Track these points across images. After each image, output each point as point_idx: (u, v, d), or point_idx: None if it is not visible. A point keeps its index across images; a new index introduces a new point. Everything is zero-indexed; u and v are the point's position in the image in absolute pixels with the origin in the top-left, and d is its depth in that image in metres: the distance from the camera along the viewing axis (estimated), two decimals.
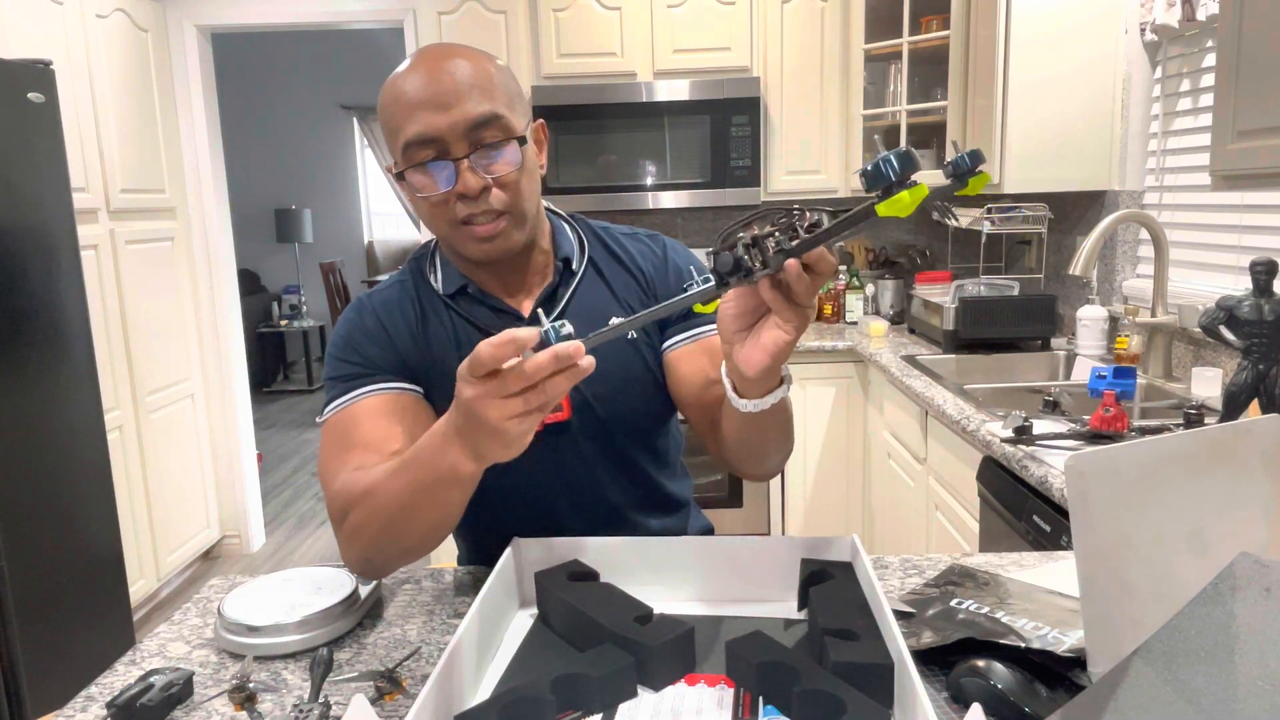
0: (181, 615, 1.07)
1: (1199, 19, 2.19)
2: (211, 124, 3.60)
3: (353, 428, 1.04)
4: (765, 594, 0.96)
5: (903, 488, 2.61)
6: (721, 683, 0.80)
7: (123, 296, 3.04)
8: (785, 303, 0.81)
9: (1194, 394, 2.00)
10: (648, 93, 3.12)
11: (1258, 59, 1.44)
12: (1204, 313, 1.61)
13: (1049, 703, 0.75)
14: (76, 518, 2.46)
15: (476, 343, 0.72)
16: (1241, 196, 2.14)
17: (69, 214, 2.48)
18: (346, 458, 1.01)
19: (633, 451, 1.18)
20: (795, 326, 0.82)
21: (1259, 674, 0.57)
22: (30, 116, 2.33)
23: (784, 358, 0.85)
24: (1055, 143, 2.57)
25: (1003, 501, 1.79)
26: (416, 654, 0.96)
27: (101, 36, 2.99)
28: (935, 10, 2.91)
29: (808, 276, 0.79)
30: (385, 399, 1.07)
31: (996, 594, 0.95)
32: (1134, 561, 0.70)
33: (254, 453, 3.90)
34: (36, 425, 2.31)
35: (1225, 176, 1.55)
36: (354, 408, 1.06)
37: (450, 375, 0.91)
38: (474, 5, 3.16)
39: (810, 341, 3.06)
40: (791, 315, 0.82)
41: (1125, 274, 2.62)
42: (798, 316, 0.82)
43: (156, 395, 3.25)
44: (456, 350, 1.12)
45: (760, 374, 0.85)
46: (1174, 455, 0.71)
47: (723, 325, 0.87)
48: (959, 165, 0.73)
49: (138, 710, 0.82)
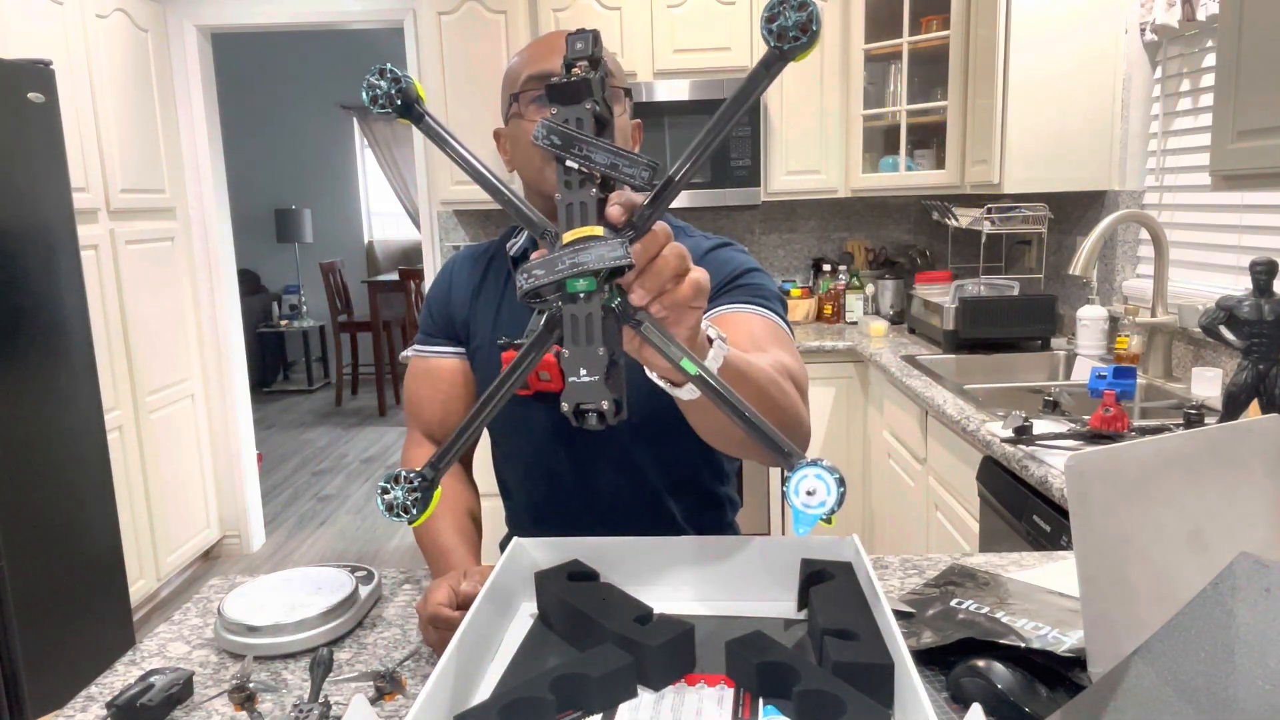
0: (181, 615, 1.07)
1: (1199, 19, 2.19)
2: (211, 124, 3.60)
3: (409, 383, 1.29)
4: (765, 594, 0.96)
5: (903, 488, 2.61)
6: (721, 683, 0.80)
7: (123, 296, 3.04)
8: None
9: (1194, 394, 2.00)
10: (648, 93, 3.12)
11: (1258, 59, 1.44)
12: (1204, 313, 1.61)
13: (1049, 703, 0.75)
14: (76, 518, 2.46)
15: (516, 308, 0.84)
16: (1241, 196, 2.14)
17: (69, 214, 2.48)
18: (412, 412, 1.28)
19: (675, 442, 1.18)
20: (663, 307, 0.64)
21: (1259, 674, 0.57)
22: (30, 116, 2.33)
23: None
24: (1055, 142, 2.57)
25: (1003, 501, 1.79)
26: (416, 654, 0.96)
27: (101, 36, 2.99)
28: (935, 10, 2.91)
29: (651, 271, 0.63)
30: (428, 364, 1.26)
31: (996, 594, 0.95)
32: (1134, 561, 0.70)
33: (254, 453, 3.90)
34: (36, 425, 2.31)
35: (1225, 176, 1.55)
36: (412, 364, 1.29)
37: (482, 336, 1.22)
38: (474, 5, 3.16)
39: (810, 341, 3.06)
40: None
41: (1125, 274, 2.62)
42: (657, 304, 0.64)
43: (156, 395, 3.25)
44: (495, 313, 1.21)
45: (662, 370, 0.71)
46: (1174, 455, 0.71)
47: None
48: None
49: (138, 710, 0.82)
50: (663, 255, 0.61)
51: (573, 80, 0.61)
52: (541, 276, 0.60)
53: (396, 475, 0.65)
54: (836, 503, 0.55)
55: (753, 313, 1.09)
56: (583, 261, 0.58)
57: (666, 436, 1.18)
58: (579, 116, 0.61)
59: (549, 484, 1.24)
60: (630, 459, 1.19)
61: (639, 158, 0.60)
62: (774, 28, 0.55)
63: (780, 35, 0.55)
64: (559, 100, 0.61)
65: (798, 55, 0.55)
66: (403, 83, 0.63)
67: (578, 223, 0.61)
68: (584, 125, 0.61)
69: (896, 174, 3.15)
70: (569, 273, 0.59)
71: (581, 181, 0.61)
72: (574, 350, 0.61)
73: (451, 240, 3.66)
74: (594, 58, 0.62)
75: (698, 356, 0.73)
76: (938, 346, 2.83)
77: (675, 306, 0.62)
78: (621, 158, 0.60)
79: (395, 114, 0.63)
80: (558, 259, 0.59)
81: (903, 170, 3.12)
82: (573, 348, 0.61)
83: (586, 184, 0.61)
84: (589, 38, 0.63)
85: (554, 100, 0.61)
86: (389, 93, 0.63)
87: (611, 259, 0.58)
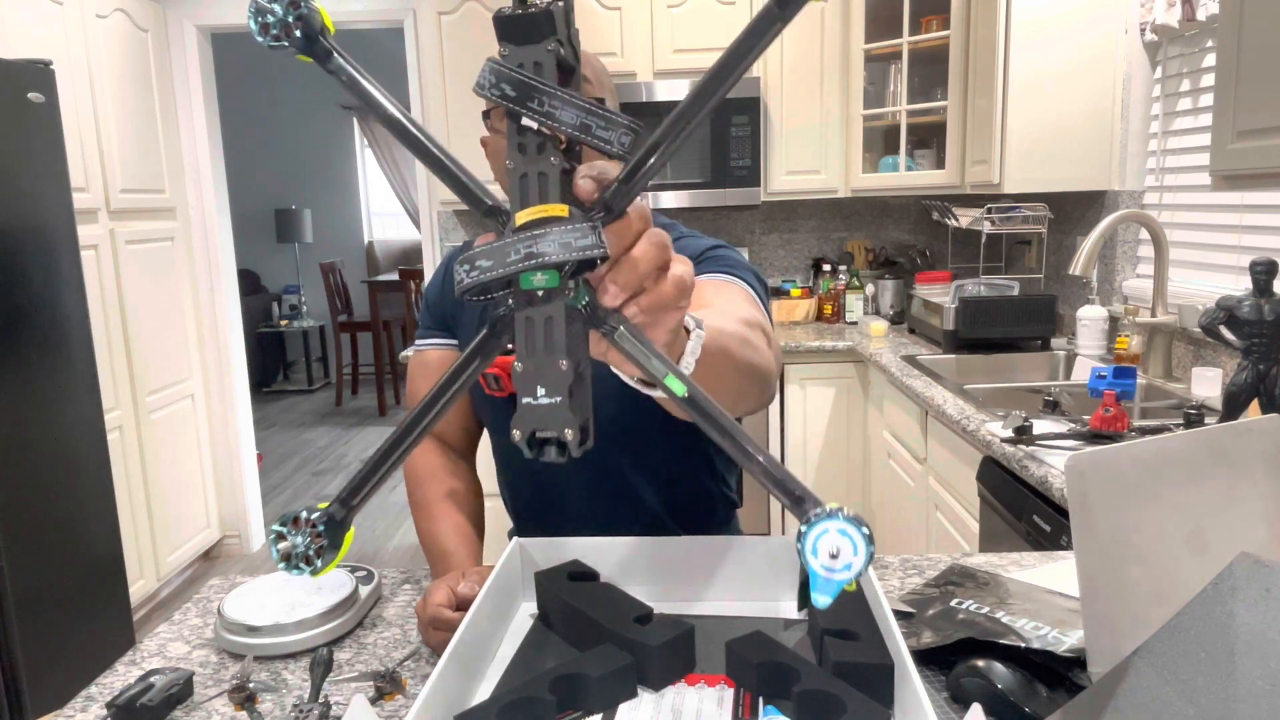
0: (181, 615, 1.07)
1: (1199, 19, 2.19)
2: (211, 124, 3.60)
3: (409, 377, 1.30)
4: (765, 594, 0.96)
5: (903, 488, 2.60)
6: (721, 683, 0.80)
7: (123, 296, 3.04)
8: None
9: (1194, 394, 2.00)
10: (648, 93, 3.12)
11: (1258, 59, 1.44)
12: (1204, 313, 1.61)
13: (1049, 703, 0.75)
14: (76, 518, 2.46)
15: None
16: (1241, 196, 2.14)
17: (69, 214, 2.48)
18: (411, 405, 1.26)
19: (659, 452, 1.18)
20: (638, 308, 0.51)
21: (1259, 674, 0.57)
22: (30, 116, 2.33)
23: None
24: (1055, 142, 2.57)
25: (1003, 501, 1.79)
26: (416, 654, 0.96)
27: (101, 36, 2.99)
28: (935, 10, 2.91)
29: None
30: (425, 357, 1.27)
31: (996, 594, 0.95)
32: (1134, 561, 0.70)
33: (254, 453, 3.90)
34: (36, 425, 2.31)
35: (1225, 176, 1.55)
36: (411, 358, 1.29)
37: (469, 325, 1.22)
38: (474, 5, 3.16)
39: (810, 341, 3.06)
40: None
41: (1125, 274, 2.62)
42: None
43: (156, 395, 3.25)
44: (481, 310, 1.21)
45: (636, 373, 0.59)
46: (1174, 455, 0.71)
47: None
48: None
49: (138, 710, 0.82)
50: (640, 244, 0.48)
51: (529, 11, 0.47)
52: (488, 269, 0.46)
53: (296, 517, 0.51)
54: (865, 564, 0.42)
55: (725, 280, 1.04)
56: (542, 251, 0.45)
57: (647, 437, 1.17)
58: (537, 59, 0.47)
59: (531, 487, 1.25)
60: (609, 462, 1.17)
61: (617, 117, 0.47)
62: None
63: None
64: (511, 38, 0.48)
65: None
66: (303, 8, 0.47)
67: (534, 199, 0.47)
68: (543, 71, 0.47)
69: (896, 174, 3.14)
70: (523, 265, 0.46)
71: (540, 146, 0.47)
72: (529, 364, 0.48)
73: (451, 240, 3.66)
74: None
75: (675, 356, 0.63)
76: (938, 346, 2.83)
77: (655, 309, 0.50)
78: (595, 116, 0.46)
79: (295, 49, 0.48)
80: (509, 246, 0.46)
81: (903, 170, 3.12)
82: (527, 360, 0.48)
83: (547, 149, 0.47)
84: None
85: (505, 38, 0.48)
86: (284, 20, 0.47)
87: (579, 249, 0.45)
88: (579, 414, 0.48)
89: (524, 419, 0.48)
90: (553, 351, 0.47)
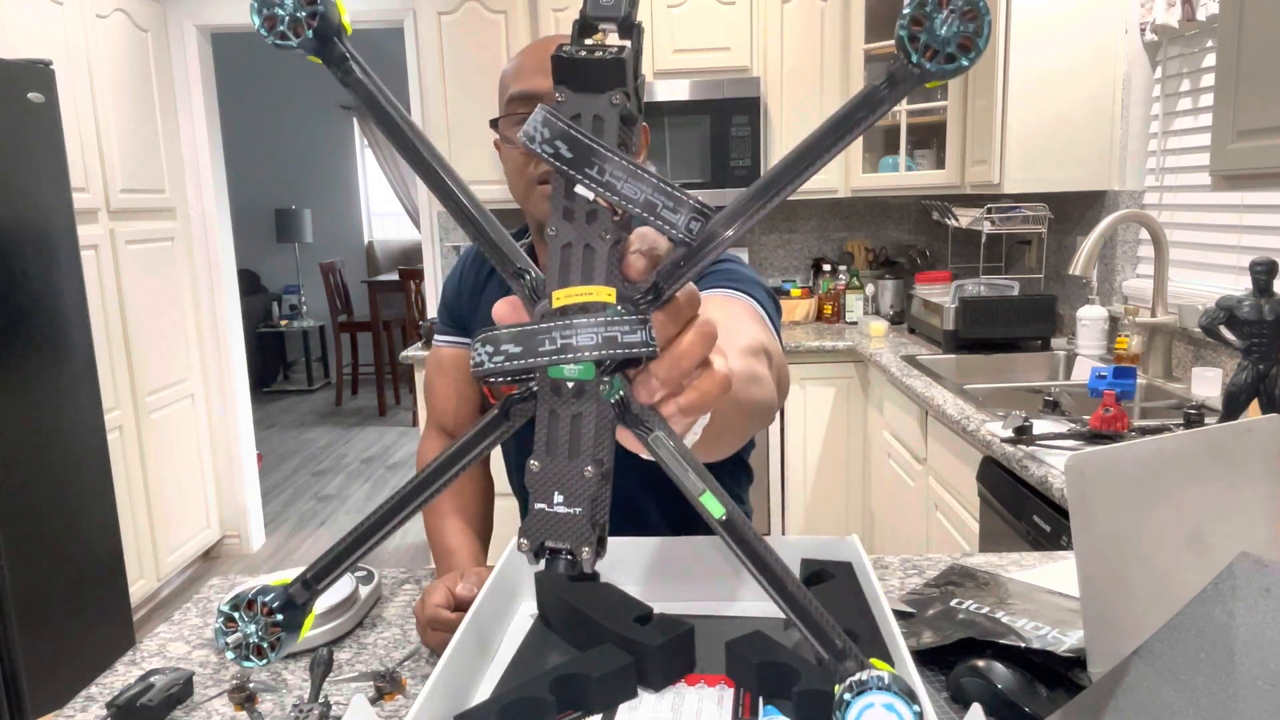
0: (181, 615, 1.07)
1: (1199, 19, 2.19)
2: (211, 124, 3.60)
3: (426, 373, 1.32)
4: (765, 594, 0.96)
5: (903, 488, 2.60)
6: (721, 683, 0.80)
7: (123, 296, 3.04)
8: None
9: (1194, 394, 2.00)
10: (648, 93, 3.12)
11: (1258, 59, 1.44)
12: (1204, 313, 1.61)
13: (1049, 703, 0.75)
14: (76, 518, 2.46)
15: None
16: (1241, 196, 2.14)
17: (69, 214, 2.48)
18: (426, 402, 1.32)
19: None
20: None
21: (1259, 674, 0.57)
22: (30, 116, 2.33)
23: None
24: (1055, 143, 2.57)
25: (1003, 501, 1.79)
26: (416, 654, 0.96)
27: (101, 36, 2.99)
28: None
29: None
30: (440, 354, 1.29)
31: (996, 594, 0.95)
32: (1134, 561, 0.70)
33: (254, 453, 3.90)
34: (36, 425, 2.31)
35: (1225, 176, 1.55)
36: (430, 354, 1.32)
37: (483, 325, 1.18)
38: (474, 5, 3.16)
39: (810, 341, 3.06)
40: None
41: (1125, 274, 2.62)
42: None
43: (156, 395, 3.25)
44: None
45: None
46: (1174, 455, 0.71)
47: None
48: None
49: (138, 710, 0.82)
50: (689, 335, 0.41)
51: (597, 57, 0.40)
52: (515, 356, 0.39)
53: (250, 600, 0.43)
54: None
55: (731, 295, 0.99)
56: (581, 346, 0.38)
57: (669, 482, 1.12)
58: (597, 113, 0.40)
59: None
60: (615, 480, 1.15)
61: (686, 197, 0.39)
62: (920, 36, 0.37)
63: (927, 49, 0.37)
64: (569, 82, 0.40)
65: (939, 79, 0.37)
66: (319, 3, 0.40)
67: (576, 275, 0.40)
68: (604, 128, 0.40)
69: (896, 174, 3.14)
70: (557, 359, 0.39)
71: (591, 215, 0.40)
72: (547, 464, 0.41)
73: (452, 240, 3.66)
74: (626, 20, 0.41)
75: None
76: (938, 346, 2.83)
77: (695, 409, 0.42)
78: (662, 193, 0.39)
79: (304, 51, 0.41)
80: (542, 333, 0.39)
81: (903, 170, 3.12)
82: (546, 460, 0.41)
83: (599, 220, 0.40)
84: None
85: (563, 81, 0.40)
86: (294, 16, 0.40)
87: (625, 344, 0.38)
88: (597, 526, 0.42)
89: (534, 527, 0.42)
90: (577, 455, 0.41)
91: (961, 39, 0.37)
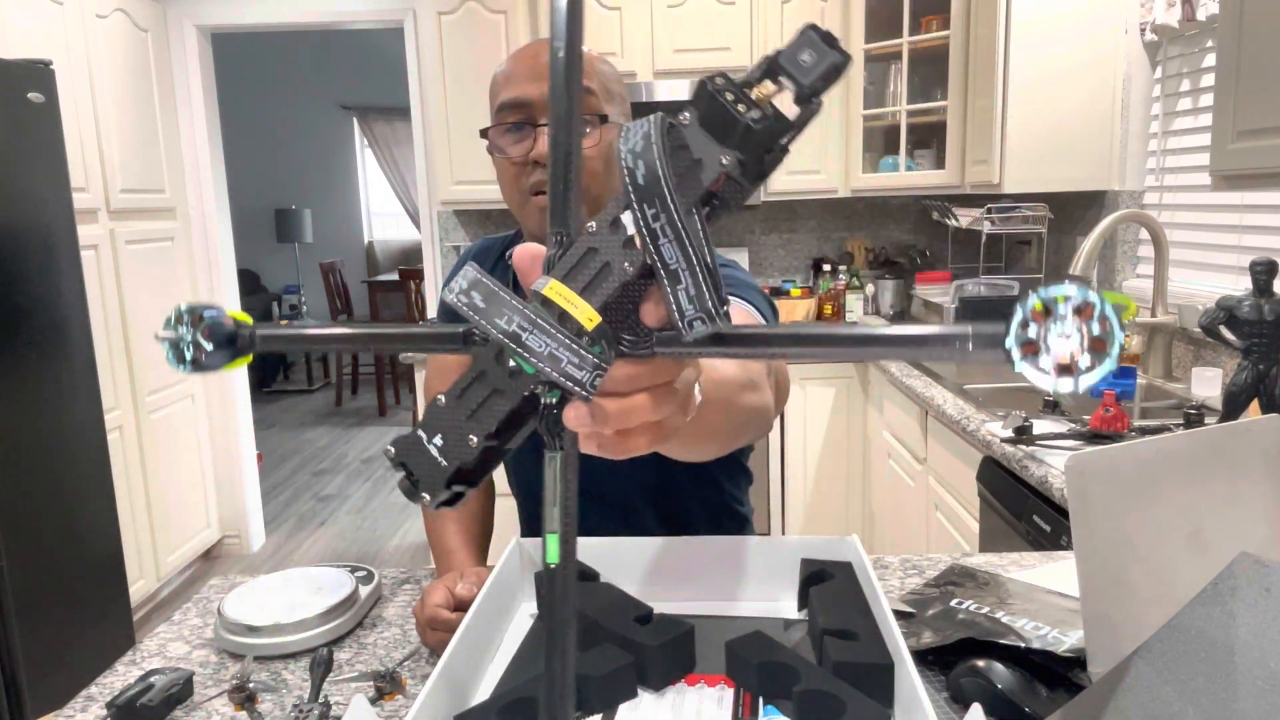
0: (181, 615, 1.07)
1: (1199, 19, 2.19)
2: (211, 124, 3.60)
3: (425, 374, 1.37)
4: (765, 594, 0.96)
5: (903, 488, 2.60)
6: (721, 683, 0.80)
7: (123, 296, 3.04)
8: None
9: (1194, 394, 2.00)
10: (648, 92, 3.12)
11: (1258, 59, 1.44)
12: (1204, 313, 1.61)
13: (1049, 703, 0.75)
14: (76, 518, 2.46)
15: None
16: (1241, 196, 2.14)
17: (69, 214, 2.48)
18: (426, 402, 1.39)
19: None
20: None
21: (1259, 674, 0.57)
22: (30, 116, 2.33)
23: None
24: (1055, 142, 2.57)
25: (1003, 501, 1.79)
26: (416, 654, 0.96)
27: (101, 36, 2.99)
28: (935, 10, 2.91)
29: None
30: (443, 356, 1.27)
31: (996, 594, 0.95)
32: (1134, 561, 0.70)
33: (254, 453, 3.90)
34: (36, 425, 2.31)
35: (1225, 176, 1.55)
36: (430, 358, 1.35)
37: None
38: (474, 5, 3.16)
39: None
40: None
41: (1125, 274, 2.62)
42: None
43: (156, 395, 3.25)
44: None
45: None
46: (1174, 455, 0.71)
47: None
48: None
49: (138, 710, 0.82)
50: (637, 399, 0.39)
51: (742, 114, 0.37)
52: (476, 307, 0.38)
53: (200, 314, 0.44)
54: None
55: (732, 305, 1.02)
56: (529, 346, 0.37)
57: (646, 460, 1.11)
58: (703, 158, 0.37)
59: (535, 501, 1.23)
60: (612, 488, 1.14)
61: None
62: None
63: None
64: (706, 119, 0.37)
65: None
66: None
67: (580, 284, 0.38)
68: (702, 174, 0.37)
69: (896, 174, 3.14)
70: (504, 340, 0.38)
71: (628, 241, 0.38)
72: (450, 409, 0.41)
73: (452, 240, 3.66)
74: (810, 91, 0.38)
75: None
76: None
77: (613, 453, 0.42)
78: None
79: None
80: (512, 309, 0.38)
81: (903, 170, 3.12)
82: (452, 405, 0.41)
83: (632, 249, 0.38)
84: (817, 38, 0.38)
85: (699, 109, 0.37)
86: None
87: (562, 374, 0.37)
88: (452, 484, 0.42)
89: (407, 447, 0.42)
90: (475, 420, 0.40)
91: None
